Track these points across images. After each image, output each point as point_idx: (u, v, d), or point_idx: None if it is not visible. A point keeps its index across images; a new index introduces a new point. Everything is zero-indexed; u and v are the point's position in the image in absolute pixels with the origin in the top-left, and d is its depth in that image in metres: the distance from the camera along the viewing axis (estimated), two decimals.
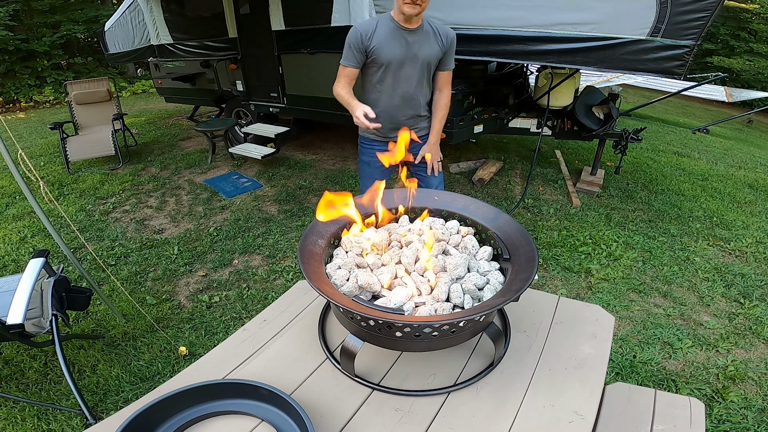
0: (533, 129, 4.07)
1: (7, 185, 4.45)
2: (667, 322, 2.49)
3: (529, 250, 1.08)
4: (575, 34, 2.65)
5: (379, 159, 1.99)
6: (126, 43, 5.99)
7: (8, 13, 9.22)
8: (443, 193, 1.39)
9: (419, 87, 2.13)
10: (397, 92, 2.11)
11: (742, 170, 5.31)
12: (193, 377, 1.07)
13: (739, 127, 9.53)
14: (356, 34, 1.98)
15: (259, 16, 4.34)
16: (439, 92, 2.20)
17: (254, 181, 4.45)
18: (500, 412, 0.98)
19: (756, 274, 2.94)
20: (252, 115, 5.28)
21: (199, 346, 2.30)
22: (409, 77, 2.08)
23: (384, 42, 1.99)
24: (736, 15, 12.81)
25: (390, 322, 0.92)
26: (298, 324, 1.27)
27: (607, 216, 3.65)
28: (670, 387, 2.07)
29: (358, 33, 1.98)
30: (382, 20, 2.01)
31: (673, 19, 2.35)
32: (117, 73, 10.93)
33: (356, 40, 1.98)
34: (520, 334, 1.21)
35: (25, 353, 2.24)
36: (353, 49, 2.00)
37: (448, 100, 2.22)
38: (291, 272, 2.92)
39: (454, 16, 3.00)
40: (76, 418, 1.89)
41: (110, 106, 5.42)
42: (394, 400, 1.01)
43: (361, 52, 2.01)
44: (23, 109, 9.38)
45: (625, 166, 4.74)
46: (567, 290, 2.74)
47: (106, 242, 3.37)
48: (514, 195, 4.07)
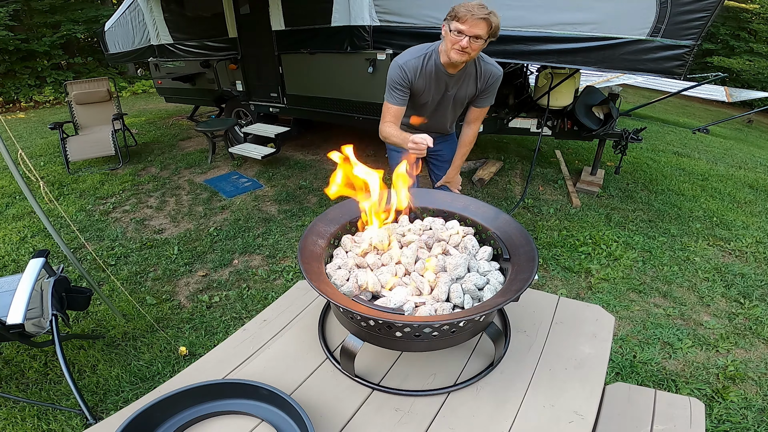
0: (533, 129, 4.07)
1: (7, 185, 4.45)
2: (667, 322, 2.49)
3: (529, 250, 1.08)
4: (575, 34, 2.65)
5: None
6: (126, 43, 5.99)
7: (8, 13, 9.22)
8: (443, 193, 1.39)
9: (450, 117, 2.15)
10: (428, 125, 2.11)
11: (742, 170, 5.31)
12: (193, 377, 1.07)
13: (739, 127, 9.53)
14: (402, 74, 1.88)
15: (259, 16, 4.34)
16: (467, 126, 2.15)
17: (254, 181, 4.45)
18: (500, 412, 0.98)
19: (756, 274, 2.94)
20: (252, 115, 5.28)
21: (199, 346, 2.30)
22: (442, 115, 2.10)
23: (425, 86, 1.92)
24: (736, 15, 12.81)
25: (390, 322, 0.92)
26: (298, 324, 1.27)
27: (607, 216, 3.65)
28: (670, 387, 2.07)
29: (405, 73, 1.87)
30: (429, 59, 1.88)
31: (673, 19, 2.35)
32: (117, 73, 10.94)
33: (401, 80, 1.89)
34: (520, 334, 1.21)
35: (25, 353, 2.24)
36: (399, 88, 1.91)
37: (474, 137, 2.17)
38: (291, 272, 2.92)
39: None
40: (76, 418, 1.89)
41: (110, 106, 5.42)
42: (394, 400, 1.01)
43: (406, 91, 1.93)
44: (23, 109, 9.38)
45: (625, 166, 4.74)
46: (567, 290, 2.74)
47: (106, 242, 3.37)
48: (514, 195, 4.07)
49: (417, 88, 1.93)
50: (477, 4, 1.67)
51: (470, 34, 1.68)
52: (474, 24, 1.66)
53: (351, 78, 3.90)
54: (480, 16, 1.65)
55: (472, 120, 2.12)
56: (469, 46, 1.70)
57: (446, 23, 1.75)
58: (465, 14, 1.66)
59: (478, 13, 1.64)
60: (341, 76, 3.98)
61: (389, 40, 3.45)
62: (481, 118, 2.11)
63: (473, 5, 1.67)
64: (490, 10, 1.67)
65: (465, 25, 1.67)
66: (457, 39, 1.71)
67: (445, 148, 2.35)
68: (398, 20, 3.33)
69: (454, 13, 1.71)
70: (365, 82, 3.79)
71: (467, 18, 1.66)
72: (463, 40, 1.69)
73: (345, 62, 3.86)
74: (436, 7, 3.09)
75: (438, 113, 2.08)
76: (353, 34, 3.60)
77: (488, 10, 1.67)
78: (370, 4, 3.40)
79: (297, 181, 4.42)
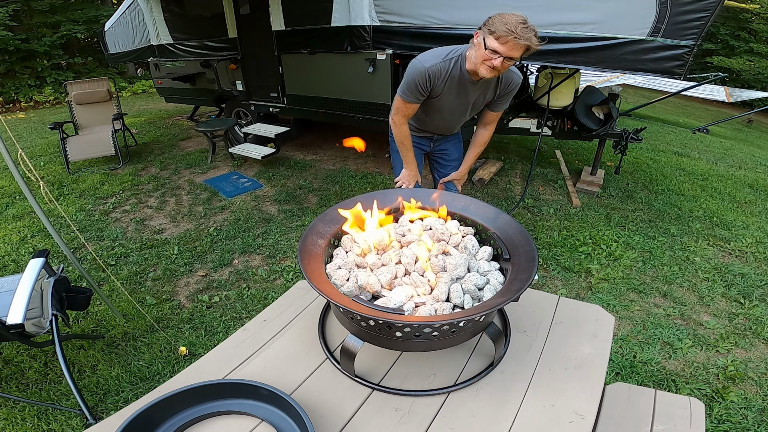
0: (533, 129, 4.07)
1: (7, 185, 4.45)
2: (667, 322, 2.49)
3: (529, 250, 1.08)
4: (575, 34, 2.65)
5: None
6: (126, 43, 5.99)
7: (8, 13, 9.22)
8: (443, 193, 1.39)
9: (462, 120, 2.13)
10: (439, 124, 2.12)
11: (742, 170, 5.31)
12: (193, 377, 1.07)
13: (739, 127, 9.53)
14: (426, 77, 1.77)
15: (259, 16, 4.34)
16: (483, 128, 2.10)
17: (254, 181, 4.45)
18: (500, 412, 0.98)
19: (756, 274, 2.94)
20: (252, 115, 5.28)
21: (199, 346, 2.30)
22: (455, 118, 2.08)
23: (447, 92, 1.85)
24: (736, 15, 12.81)
25: (390, 322, 0.92)
26: (298, 324, 1.27)
27: (607, 216, 3.65)
28: (670, 387, 2.07)
29: (429, 76, 1.77)
30: (455, 64, 1.77)
31: (673, 19, 2.35)
32: (117, 73, 10.94)
33: (424, 83, 1.79)
34: (520, 334, 1.21)
35: (25, 353, 2.24)
36: (419, 88, 1.81)
37: (488, 139, 2.15)
38: (291, 272, 2.92)
39: (453, 16, 3.01)
40: (76, 418, 1.89)
41: (110, 106, 5.42)
42: (394, 400, 1.01)
43: (425, 93, 1.85)
44: (23, 109, 9.37)
45: (625, 166, 4.74)
46: (567, 290, 2.74)
47: (106, 242, 3.37)
48: (514, 195, 4.07)
49: (436, 91, 1.85)
50: (519, 22, 1.49)
51: (505, 56, 1.54)
52: (513, 47, 1.52)
53: (351, 78, 3.90)
54: (522, 42, 1.49)
55: (489, 122, 2.08)
56: (501, 66, 1.58)
57: (481, 34, 1.59)
58: (505, 34, 1.49)
59: (520, 37, 1.48)
60: (341, 76, 3.98)
61: (389, 40, 3.46)
62: (495, 121, 2.09)
63: (515, 23, 1.48)
64: (532, 31, 1.50)
65: (503, 46, 1.52)
66: (490, 57, 1.57)
67: (451, 147, 2.34)
68: (398, 20, 3.34)
69: (493, 28, 1.52)
70: (365, 82, 3.79)
71: (507, 40, 1.50)
72: (496, 60, 1.56)
73: (345, 62, 3.87)
74: (436, 7, 3.09)
75: (452, 116, 2.04)
76: (353, 34, 3.60)
77: (530, 31, 1.50)
78: (370, 4, 3.40)
79: (297, 181, 4.42)
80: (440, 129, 2.20)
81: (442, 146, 2.33)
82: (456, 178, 2.31)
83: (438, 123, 2.12)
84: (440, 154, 2.36)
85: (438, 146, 2.33)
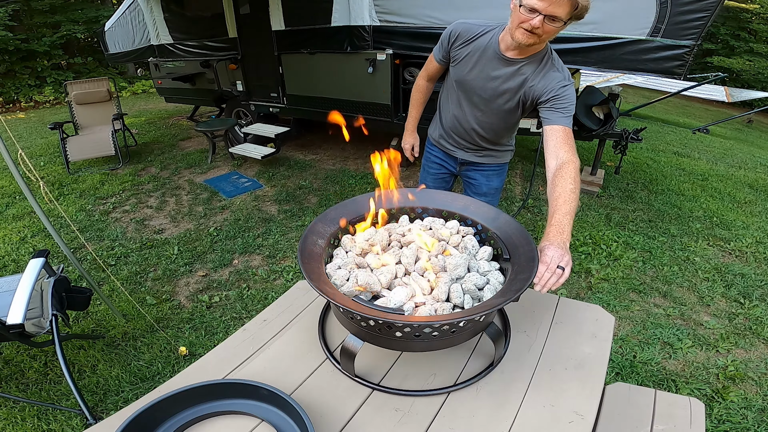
0: (533, 129, 4.07)
1: (7, 185, 4.45)
2: (667, 322, 2.49)
3: (529, 250, 1.08)
4: (575, 34, 2.66)
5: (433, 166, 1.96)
6: (126, 43, 5.99)
7: (8, 13, 9.22)
8: (443, 193, 1.39)
9: (485, 120, 1.72)
10: (456, 113, 1.75)
11: (742, 170, 5.31)
12: (193, 377, 1.07)
13: (739, 127, 9.53)
14: (451, 31, 1.59)
15: (259, 16, 4.34)
16: (548, 156, 1.45)
17: (254, 181, 4.45)
18: (500, 412, 0.98)
19: (756, 274, 2.94)
20: (252, 115, 5.28)
21: (199, 346, 2.30)
22: (475, 104, 1.68)
23: (468, 60, 1.58)
24: (736, 15, 12.81)
25: (390, 322, 0.92)
26: (298, 324, 1.27)
27: (607, 216, 3.65)
28: (670, 387, 2.07)
29: (455, 31, 1.58)
30: (485, 34, 1.55)
31: (673, 19, 2.35)
32: (117, 73, 10.94)
33: (447, 35, 1.61)
34: (520, 334, 1.21)
35: (25, 353, 2.24)
36: (442, 42, 1.64)
37: (567, 175, 1.34)
38: (291, 272, 2.92)
39: (453, 16, 3.00)
40: (76, 418, 1.89)
41: (110, 106, 5.42)
42: (394, 400, 1.01)
43: (447, 48, 1.63)
44: (23, 109, 9.37)
45: (625, 166, 4.74)
46: (567, 290, 2.74)
47: (106, 242, 3.37)
48: (514, 195, 4.07)
49: (458, 53, 1.59)
50: None
51: (546, 13, 1.26)
52: (554, 2, 1.24)
53: (351, 78, 3.90)
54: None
55: (552, 146, 1.40)
56: (542, 27, 1.30)
57: None
58: None
59: None
60: (341, 76, 3.98)
61: (389, 40, 3.46)
62: (564, 142, 1.38)
63: None
64: None
65: (543, 2, 1.25)
66: (528, 17, 1.30)
67: (480, 177, 1.90)
68: (398, 20, 3.34)
69: None
70: (365, 82, 3.79)
71: None
72: (535, 18, 1.28)
73: (345, 62, 3.87)
74: (436, 7, 3.09)
75: (470, 101, 1.67)
76: (353, 34, 3.60)
77: None
78: (370, 4, 3.40)
79: (297, 181, 4.42)
80: (458, 128, 1.78)
81: (468, 172, 1.93)
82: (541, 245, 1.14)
83: (456, 112, 1.74)
84: (468, 181, 1.97)
85: (465, 170, 1.94)
